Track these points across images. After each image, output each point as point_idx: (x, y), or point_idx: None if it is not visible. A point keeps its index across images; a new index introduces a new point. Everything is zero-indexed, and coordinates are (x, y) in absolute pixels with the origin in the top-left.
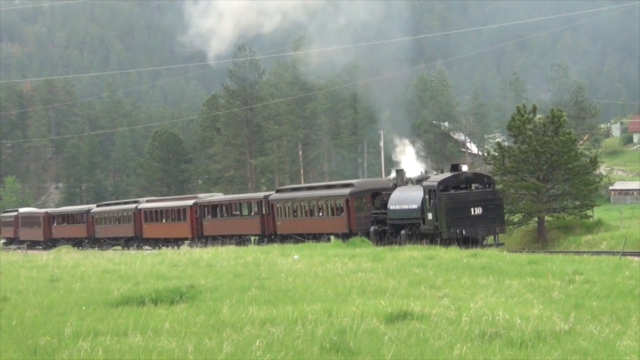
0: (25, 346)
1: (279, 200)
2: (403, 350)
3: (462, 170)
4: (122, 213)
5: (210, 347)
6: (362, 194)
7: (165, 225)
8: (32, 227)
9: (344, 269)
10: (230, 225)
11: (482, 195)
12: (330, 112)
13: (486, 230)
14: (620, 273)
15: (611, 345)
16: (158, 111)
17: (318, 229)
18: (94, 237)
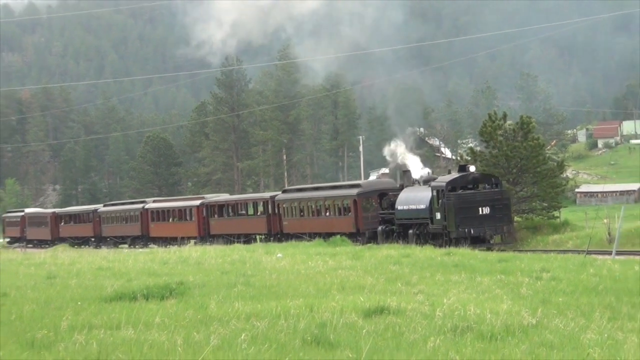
0: (23, 339)
1: (286, 200)
2: (380, 343)
3: (469, 171)
4: (129, 213)
5: (198, 340)
6: (369, 194)
7: (172, 224)
8: (39, 227)
9: (324, 267)
10: (237, 225)
11: (490, 195)
12: (313, 119)
13: (494, 229)
14: (585, 270)
15: (576, 339)
16: (150, 117)
17: (325, 228)
18: (100, 236)
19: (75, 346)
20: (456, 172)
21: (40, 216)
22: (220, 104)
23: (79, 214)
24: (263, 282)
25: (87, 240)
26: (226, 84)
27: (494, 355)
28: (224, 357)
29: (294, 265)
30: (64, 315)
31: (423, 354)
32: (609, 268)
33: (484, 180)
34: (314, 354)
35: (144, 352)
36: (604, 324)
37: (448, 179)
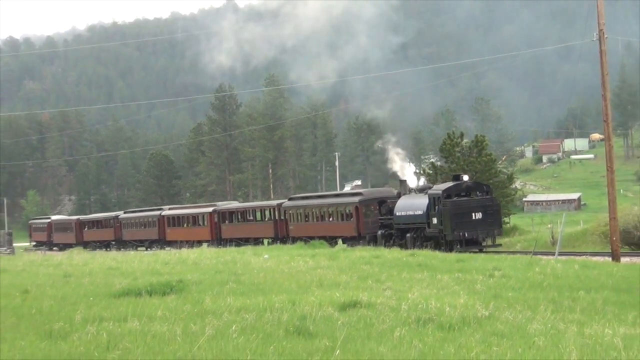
0: (42, 330)
1: (292, 207)
2: (353, 332)
3: (463, 180)
4: (148, 219)
5: (194, 331)
6: (370, 201)
7: (186, 229)
8: (65, 232)
9: (305, 266)
10: (247, 229)
11: (482, 202)
12: (295, 138)
13: (485, 233)
14: (531, 269)
15: (523, 329)
16: (153, 137)
17: (329, 232)
18: (121, 239)
19: (88, 336)
20: (451, 181)
21: (65, 222)
22: (215, 125)
23: (101, 220)
24: (251, 280)
25: (108, 244)
26: (219, 107)
27: (452, 343)
28: (218, 345)
29: (278, 265)
30: (77, 309)
31: (390, 342)
32: (552, 267)
33: (475, 188)
34: (295, 342)
35: (148, 341)
36: (547, 315)
37: (444, 187)
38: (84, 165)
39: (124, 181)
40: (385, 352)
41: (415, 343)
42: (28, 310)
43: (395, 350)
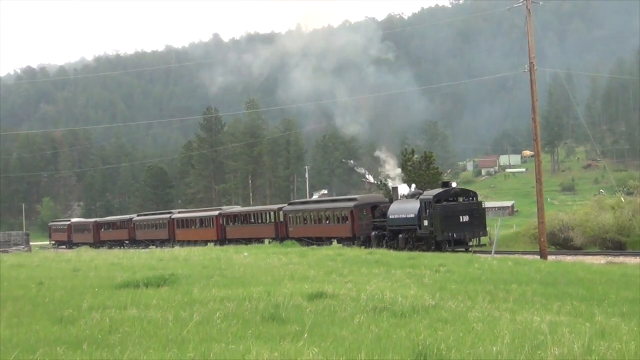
0: (54, 316)
1: (291, 210)
2: (319, 319)
3: (451, 187)
4: (159, 221)
5: (184, 317)
6: (364, 206)
7: (194, 230)
8: (83, 232)
9: (279, 262)
10: (249, 231)
11: (469, 206)
12: (271, 153)
13: (472, 234)
14: (471, 265)
15: (464, 316)
16: (150, 152)
17: (325, 233)
18: (134, 239)
19: (93, 321)
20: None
21: (84, 224)
22: (202, 142)
23: (116, 222)
24: (233, 274)
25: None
26: (207, 127)
27: (403, 328)
28: (204, 329)
29: (256, 261)
30: (84, 299)
31: (351, 327)
32: (489, 264)
33: (462, 194)
34: (270, 327)
35: (144, 326)
36: (485, 305)
37: (434, 193)
38: (91, 176)
39: (125, 189)
40: (347, 335)
41: (372, 328)
42: (42, 299)
43: (355, 334)
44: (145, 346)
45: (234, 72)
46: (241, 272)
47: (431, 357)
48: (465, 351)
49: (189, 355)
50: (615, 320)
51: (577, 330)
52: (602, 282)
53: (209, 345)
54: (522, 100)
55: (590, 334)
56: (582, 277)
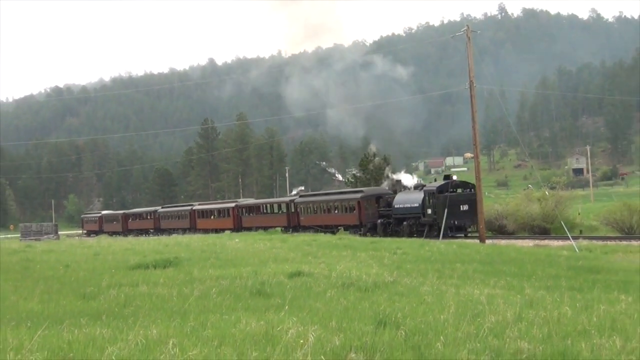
0: (78, 293)
1: (302, 202)
2: (297, 293)
3: (452, 179)
4: (181, 212)
5: (186, 293)
6: (370, 197)
7: (213, 220)
8: (113, 223)
9: (264, 247)
10: (264, 220)
11: (468, 197)
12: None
13: (470, 221)
14: (423, 248)
15: (417, 290)
16: (157, 156)
17: (334, 221)
18: (159, 228)
19: (110, 297)
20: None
21: (113, 215)
22: (201, 148)
23: (142, 213)
24: (226, 257)
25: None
26: (204, 136)
27: (367, 301)
28: (202, 303)
29: (246, 246)
30: (103, 278)
31: (324, 300)
32: (437, 247)
33: (462, 185)
34: (257, 300)
35: (153, 300)
36: (434, 281)
37: (437, 185)
38: (109, 177)
39: (137, 187)
40: (320, 307)
41: (341, 301)
42: (68, 279)
43: (327, 306)
44: (153, 317)
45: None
46: (233, 255)
47: (390, 324)
48: (417, 319)
49: (190, 324)
50: (541, 293)
51: (510, 301)
52: (530, 261)
53: (206, 316)
54: (464, 111)
55: (521, 304)
56: (514, 257)
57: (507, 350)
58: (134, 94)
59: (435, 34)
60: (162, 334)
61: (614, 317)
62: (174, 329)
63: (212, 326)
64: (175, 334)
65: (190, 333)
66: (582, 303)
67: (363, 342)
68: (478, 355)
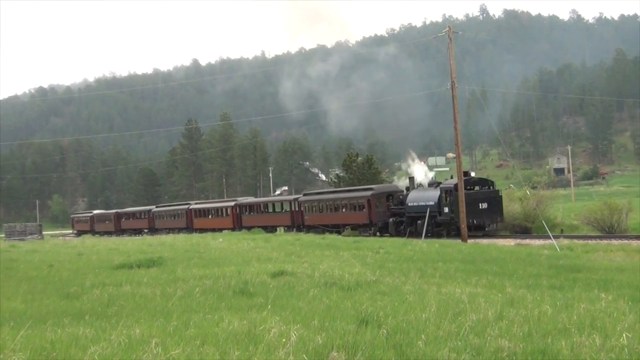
0: (61, 293)
1: (307, 200)
2: (280, 292)
3: (470, 176)
4: (177, 211)
5: (169, 292)
6: (380, 195)
7: (211, 219)
8: (105, 222)
9: (247, 247)
10: (266, 219)
11: (487, 194)
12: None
13: (490, 220)
14: (405, 247)
15: (399, 289)
16: (141, 157)
17: (342, 221)
18: (153, 228)
19: (94, 297)
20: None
21: (105, 215)
22: (184, 148)
23: (136, 212)
24: (210, 256)
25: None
26: (188, 136)
27: (349, 300)
28: (185, 302)
29: (229, 246)
30: (87, 278)
31: (307, 299)
32: (420, 246)
33: (480, 182)
34: (240, 300)
35: (136, 300)
36: (416, 279)
37: (454, 182)
38: (93, 177)
39: (121, 187)
40: (303, 306)
41: (324, 300)
42: (52, 279)
43: (310, 305)
44: (137, 316)
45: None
46: (217, 254)
47: (372, 322)
48: (399, 318)
49: (173, 324)
50: (522, 291)
51: (491, 300)
52: (512, 260)
53: (189, 315)
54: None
55: (501, 303)
56: (495, 256)
57: (488, 349)
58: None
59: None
60: (145, 334)
61: (594, 315)
62: (157, 329)
63: (194, 325)
64: (158, 333)
65: (173, 332)
66: (562, 301)
67: (345, 341)
68: (459, 353)
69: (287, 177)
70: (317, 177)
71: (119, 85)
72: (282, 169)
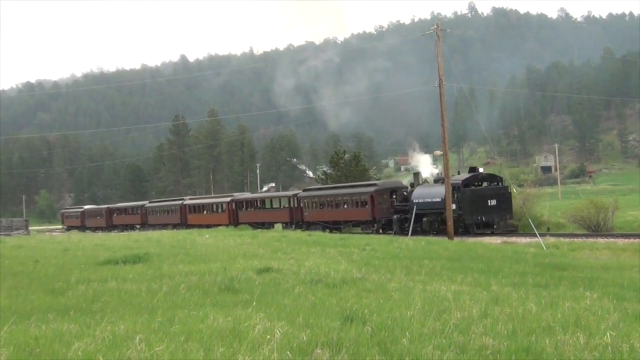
0: (47, 288)
1: (307, 196)
2: (266, 289)
3: (479, 172)
4: (171, 207)
5: (155, 288)
6: (383, 191)
7: (206, 215)
8: (96, 218)
9: (234, 243)
10: (263, 215)
11: (496, 190)
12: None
13: (499, 217)
14: (391, 245)
15: (384, 286)
16: (129, 152)
17: (344, 217)
18: (146, 223)
19: (79, 292)
20: (466, 173)
21: (97, 210)
22: (172, 144)
23: (128, 208)
24: (196, 253)
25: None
26: (175, 132)
27: (335, 297)
28: (171, 298)
29: (216, 242)
30: (72, 274)
31: (292, 296)
32: (406, 243)
33: (489, 178)
34: (225, 296)
35: (121, 296)
36: (402, 277)
37: (462, 178)
38: (80, 172)
39: (108, 183)
40: (288, 303)
41: (309, 297)
42: (37, 274)
43: (295, 302)
44: (121, 312)
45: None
46: (203, 251)
47: (356, 320)
48: (384, 315)
49: (158, 320)
50: (507, 289)
51: (476, 298)
52: (498, 258)
53: (174, 312)
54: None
55: (486, 301)
56: (481, 254)
57: (472, 347)
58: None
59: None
60: (129, 330)
61: (579, 313)
62: (142, 325)
63: (179, 322)
64: (142, 329)
65: (158, 329)
66: (547, 300)
67: (329, 338)
68: (443, 351)
69: (275, 173)
70: (304, 174)
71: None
72: (270, 165)
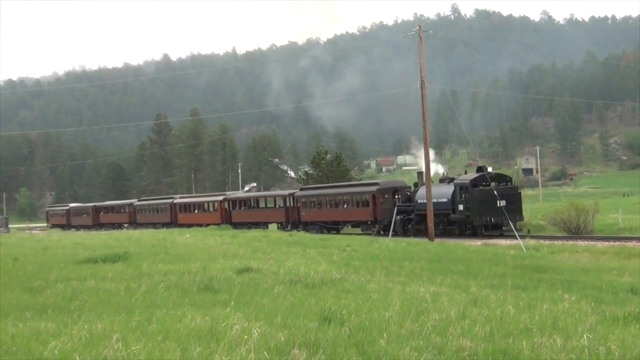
0: (25, 287)
1: (304, 195)
2: (245, 289)
3: (487, 171)
4: (160, 205)
5: (134, 287)
6: (385, 190)
7: (197, 214)
8: (82, 216)
9: (214, 242)
10: (257, 215)
11: (506, 191)
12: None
13: (509, 218)
14: (372, 246)
15: (364, 287)
16: (110, 151)
17: (344, 217)
18: (135, 222)
19: (57, 291)
20: (474, 173)
21: (83, 208)
22: (154, 143)
23: (115, 206)
24: (176, 252)
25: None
26: (157, 131)
27: (314, 297)
28: (149, 298)
29: (196, 241)
30: (52, 272)
31: (271, 296)
32: (386, 244)
33: (497, 178)
34: (204, 296)
35: (100, 295)
36: (381, 278)
37: (470, 178)
38: (61, 171)
39: (89, 182)
40: (267, 303)
41: (288, 297)
42: (16, 273)
43: (274, 302)
44: (99, 311)
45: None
46: (183, 250)
47: (334, 320)
48: (362, 316)
49: (136, 319)
50: (486, 291)
51: (455, 299)
52: (477, 260)
53: (152, 311)
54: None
55: (465, 302)
56: (462, 256)
57: (450, 348)
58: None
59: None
60: (107, 329)
61: (557, 315)
62: (119, 324)
63: (157, 321)
64: (119, 328)
65: (135, 328)
66: (525, 302)
67: (307, 338)
68: (420, 352)
69: (256, 173)
70: (286, 174)
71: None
72: (252, 165)
